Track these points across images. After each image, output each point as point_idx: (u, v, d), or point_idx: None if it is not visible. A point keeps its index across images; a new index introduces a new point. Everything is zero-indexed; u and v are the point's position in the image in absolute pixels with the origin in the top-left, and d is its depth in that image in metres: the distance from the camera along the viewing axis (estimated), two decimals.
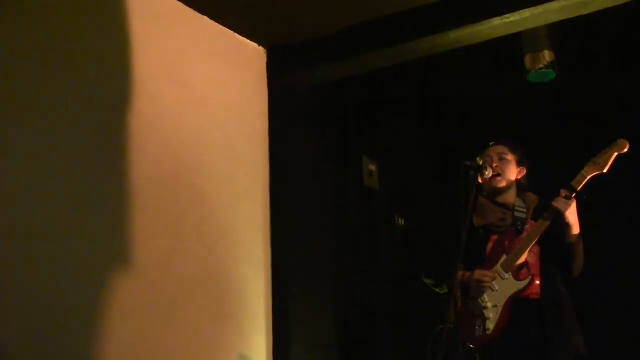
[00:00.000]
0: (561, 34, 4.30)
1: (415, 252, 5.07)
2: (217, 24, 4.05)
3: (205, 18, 3.97)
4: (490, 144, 3.47)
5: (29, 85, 3.01)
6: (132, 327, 3.24)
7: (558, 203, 3.07)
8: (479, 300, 3.20)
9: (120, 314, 3.18)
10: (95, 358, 3.05)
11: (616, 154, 3.07)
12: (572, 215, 3.08)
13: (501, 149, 3.40)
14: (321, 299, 4.31)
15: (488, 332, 3.14)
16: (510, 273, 3.18)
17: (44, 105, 3.05)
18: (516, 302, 3.15)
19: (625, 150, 3.07)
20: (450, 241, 3.06)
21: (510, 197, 3.38)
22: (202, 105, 3.86)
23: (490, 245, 3.31)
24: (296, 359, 4.02)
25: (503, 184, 3.34)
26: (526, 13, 3.60)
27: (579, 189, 3.08)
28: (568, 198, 3.07)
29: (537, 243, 3.18)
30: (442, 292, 3.40)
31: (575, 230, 3.11)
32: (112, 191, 3.29)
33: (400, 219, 5.38)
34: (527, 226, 3.26)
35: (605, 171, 3.07)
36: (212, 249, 3.77)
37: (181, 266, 3.55)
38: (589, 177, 3.08)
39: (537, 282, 3.16)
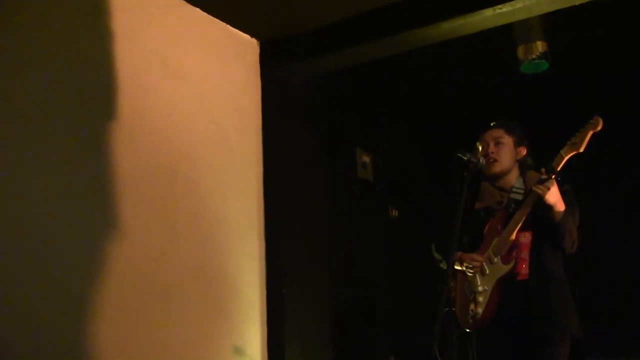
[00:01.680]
0: (554, 24, 4.30)
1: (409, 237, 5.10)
2: (209, 16, 4.04)
3: (198, 10, 3.96)
4: (492, 124, 3.46)
5: (21, 79, 3.00)
6: (127, 319, 3.25)
7: (537, 188, 3.10)
8: (472, 283, 3.23)
9: (114, 306, 3.19)
10: (90, 350, 3.05)
11: (591, 132, 3.08)
12: (552, 197, 3.09)
13: (497, 132, 3.40)
14: (315, 291, 4.31)
15: (478, 317, 3.17)
16: (499, 257, 3.21)
17: (37, 99, 3.04)
18: (505, 284, 3.17)
19: (599, 128, 3.07)
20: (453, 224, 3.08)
21: (511, 179, 3.38)
22: (195, 97, 3.86)
23: (487, 228, 3.33)
24: (290, 351, 4.03)
25: (498, 169, 3.35)
26: (518, 4, 3.60)
27: (558, 169, 3.10)
28: (544, 181, 3.09)
29: (528, 225, 3.19)
30: (444, 267, 3.42)
31: (559, 208, 3.12)
32: (105, 184, 3.28)
33: (394, 210, 5.39)
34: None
35: (581, 150, 3.08)
36: (206, 241, 3.78)
37: (175, 258, 3.55)
38: (566, 158, 3.10)
39: (524, 265, 3.18)
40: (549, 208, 3.11)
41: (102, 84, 3.35)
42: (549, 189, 3.07)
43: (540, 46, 4.46)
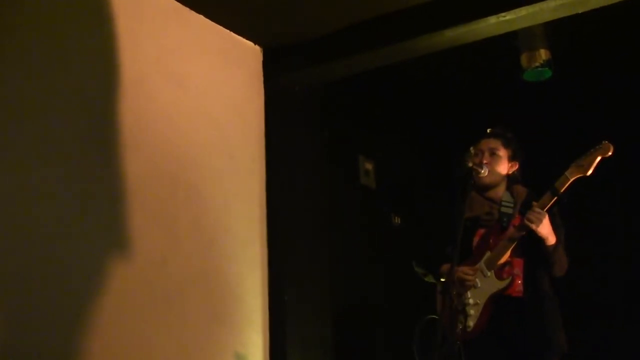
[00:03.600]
0: (557, 32, 4.30)
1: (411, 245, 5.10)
2: (213, 23, 4.04)
3: (202, 17, 3.96)
4: (488, 130, 3.43)
5: (25, 85, 3.01)
6: (128, 326, 3.25)
7: (530, 218, 3.05)
8: (462, 296, 3.19)
9: (116, 312, 3.19)
10: (90, 356, 3.05)
11: (600, 157, 3.02)
12: (544, 229, 3.05)
13: (494, 143, 3.36)
14: (317, 298, 4.31)
15: (468, 330, 3.13)
16: (492, 271, 3.16)
17: (40, 105, 3.05)
18: (498, 300, 3.14)
19: (609, 153, 3.02)
20: (440, 234, 3.06)
21: (499, 192, 3.34)
22: (198, 104, 3.86)
23: (476, 239, 3.29)
24: (292, 357, 4.02)
25: (488, 180, 3.29)
26: (522, 11, 3.60)
27: (561, 190, 3.05)
28: (535, 212, 3.03)
29: (520, 253, 3.17)
30: (429, 281, 3.40)
31: (550, 241, 3.09)
32: (108, 190, 3.29)
33: (396, 218, 5.39)
34: (514, 220, 3.24)
35: (588, 174, 3.03)
36: (208, 248, 3.77)
37: (177, 265, 3.55)
38: (572, 180, 3.04)
39: (519, 282, 3.15)
40: (541, 239, 3.08)
41: (104, 91, 3.35)
42: (541, 221, 3.03)
43: (543, 54, 4.45)
